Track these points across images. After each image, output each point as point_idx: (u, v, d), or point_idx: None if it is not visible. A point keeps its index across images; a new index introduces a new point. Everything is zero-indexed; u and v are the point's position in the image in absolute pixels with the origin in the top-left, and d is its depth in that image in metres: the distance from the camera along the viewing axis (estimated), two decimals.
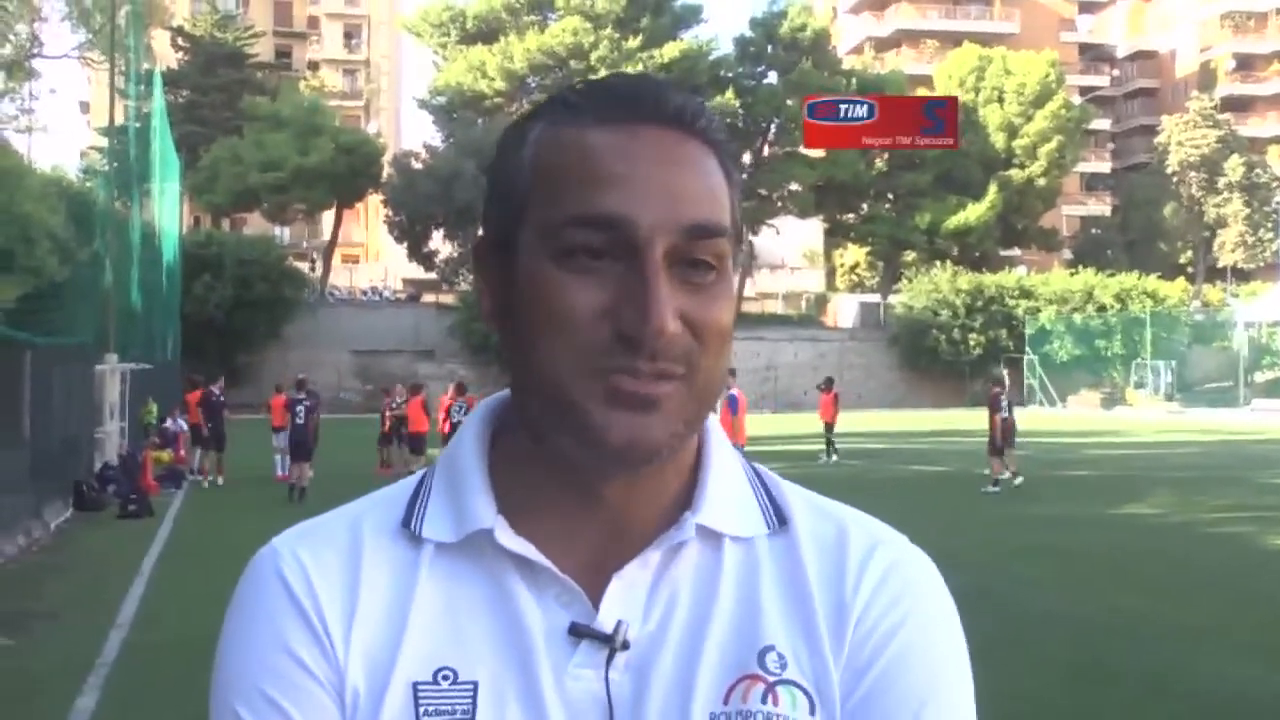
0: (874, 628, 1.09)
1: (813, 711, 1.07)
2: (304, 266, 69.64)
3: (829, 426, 28.84)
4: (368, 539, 1.11)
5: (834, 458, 28.26)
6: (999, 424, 22.99)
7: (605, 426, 1.02)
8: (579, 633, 1.06)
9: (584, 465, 1.06)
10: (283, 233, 78.04)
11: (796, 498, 1.18)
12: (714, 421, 1.18)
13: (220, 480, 23.48)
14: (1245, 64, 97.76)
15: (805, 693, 1.07)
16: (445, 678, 1.05)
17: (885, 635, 1.09)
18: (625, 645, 1.06)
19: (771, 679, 1.07)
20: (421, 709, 1.04)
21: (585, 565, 1.09)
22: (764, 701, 1.06)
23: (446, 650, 1.06)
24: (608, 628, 1.06)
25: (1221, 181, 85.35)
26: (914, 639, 1.09)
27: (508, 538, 1.08)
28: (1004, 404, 23.48)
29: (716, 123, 1.10)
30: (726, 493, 1.13)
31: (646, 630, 1.07)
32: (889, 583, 1.11)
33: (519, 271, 1.06)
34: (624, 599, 1.08)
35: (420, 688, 1.05)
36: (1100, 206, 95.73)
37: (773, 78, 68.23)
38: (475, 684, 1.05)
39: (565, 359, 1.03)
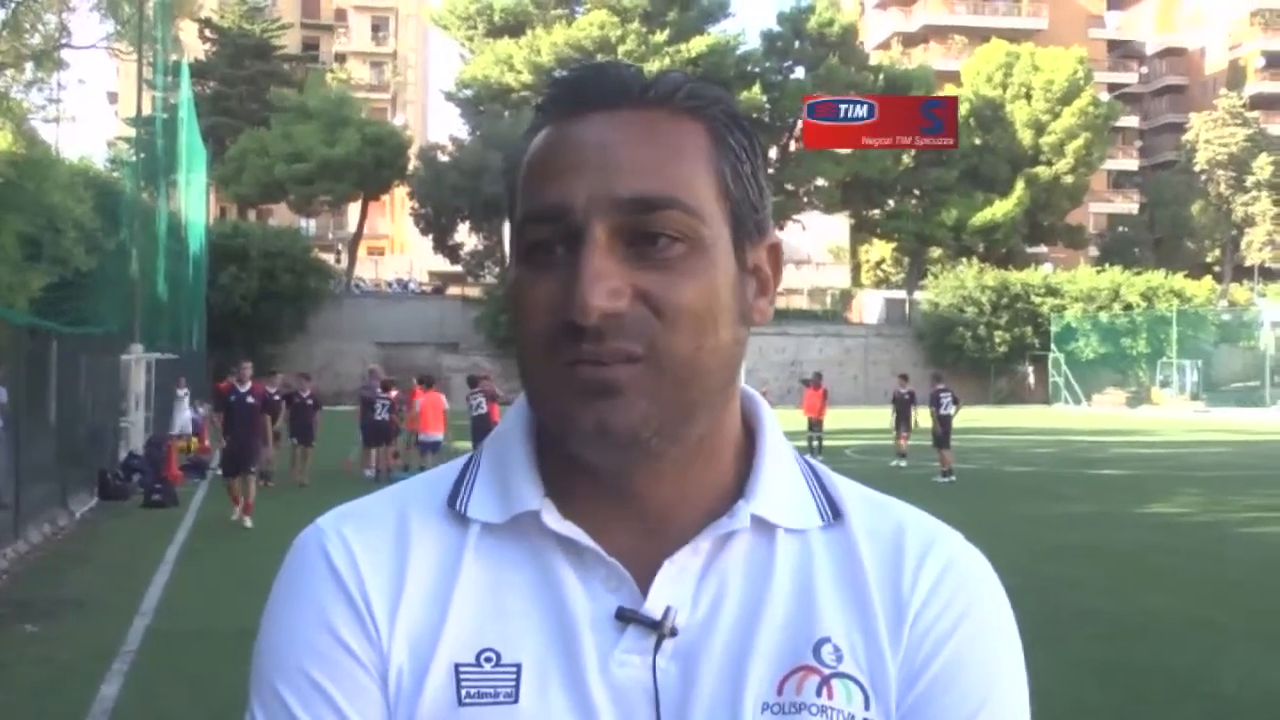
0: (931, 627, 1.07)
1: (868, 706, 1.05)
2: (330, 258, 69.74)
3: (816, 423, 28.38)
4: (414, 519, 1.10)
5: (819, 456, 28.01)
6: (938, 419, 24.12)
7: (574, 416, 1.01)
8: (626, 618, 1.04)
9: (582, 460, 1.05)
10: (309, 224, 78.15)
11: (851, 491, 1.16)
12: (768, 414, 1.16)
13: (247, 520, 16.33)
14: (1275, 62, 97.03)
15: (861, 687, 1.05)
16: (488, 659, 1.03)
17: (942, 636, 1.07)
18: (674, 632, 1.03)
19: (827, 671, 1.05)
20: (463, 691, 1.03)
21: (631, 552, 1.06)
22: (818, 694, 1.04)
23: (490, 632, 1.04)
24: (656, 613, 1.04)
25: (1250, 180, 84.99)
26: (970, 640, 1.07)
27: (555, 520, 1.06)
28: (944, 401, 24.32)
29: (689, 90, 1.07)
30: (780, 483, 1.11)
31: (696, 618, 1.05)
32: (945, 581, 1.09)
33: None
34: (673, 585, 1.05)
35: (462, 669, 1.03)
36: (1127, 204, 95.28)
37: (800, 73, 68.05)
38: (519, 666, 1.03)
39: (533, 356, 1.03)
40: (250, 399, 17.32)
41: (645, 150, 1.03)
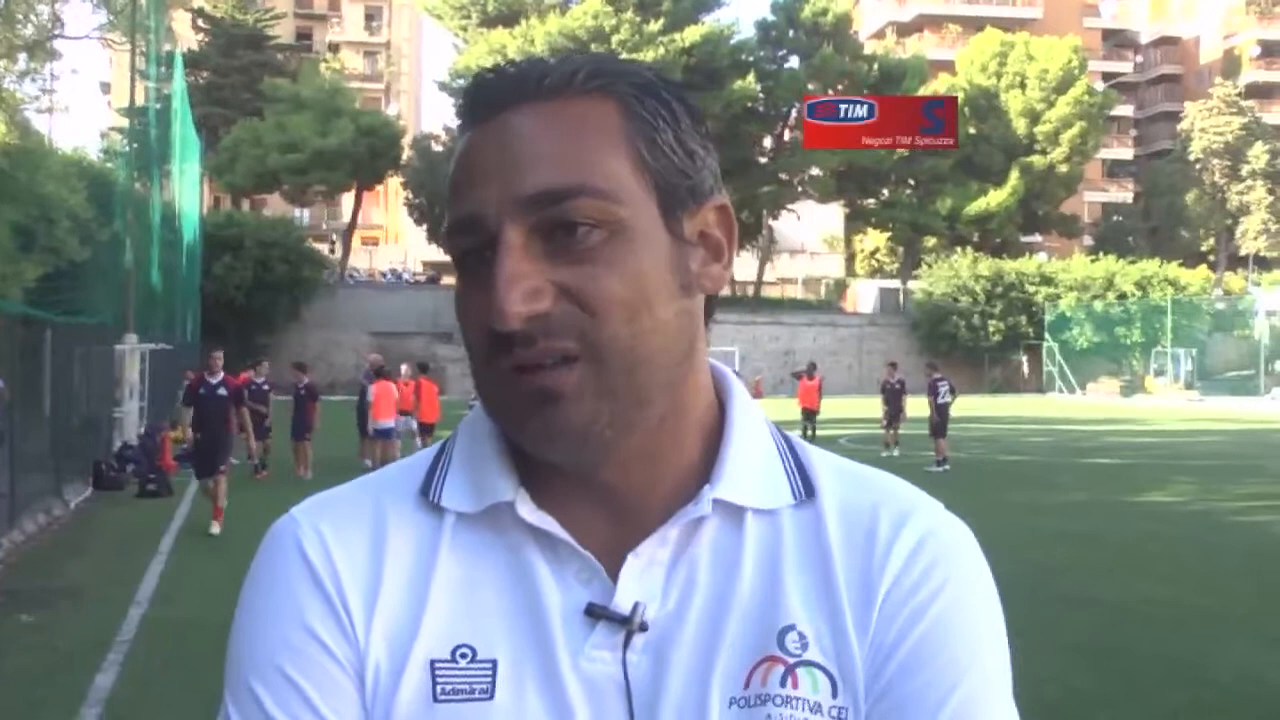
0: (903, 603, 1.04)
1: (835, 693, 1.02)
2: (323, 248, 69.73)
3: (810, 413, 28.31)
4: (390, 511, 1.08)
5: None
6: (935, 408, 23.96)
7: (520, 422, 1.01)
8: (595, 613, 1.03)
9: (541, 460, 1.04)
10: (302, 214, 78.14)
11: (827, 466, 1.13)
12: (738, 389, 1.14)
13: (215, 527, 14.82)
14: (1269, 51, 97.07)
15: (827, 674, 1.03)
16: (464, 655, 1.02)
17: (915, 611, 1.03)
18: (643, 627, 1.02)
19: (791, 660, 1.02)
20: (439, 687, 1.01)
21: (604, 542, 1.05)
22: (783, 684, 1.02)
23: (465, 626, 1.03)
24: (625, 608, 1.02)
25: (1244, 169, 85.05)
26: (946, 615, 1.03)
27: (529, 511, 1.05)
28: (941, 390, 24.26)
29: (589, 71, 1.04)
30: (749, 463, 1.09)
31: (665, 611, 1.04)
32: (921, 554, 1.06)
33: None
34: (641, 578, 1.04)
35: (438, 665, 1.02)
36: (1122, 193, 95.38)
37: (794, 62, 67.99)
38: (494, 662, 1.02)
39: (477, 365, 1.03)
40: (221, 391, 15.71)
41: (545, 142, 1.00)
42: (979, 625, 1.05)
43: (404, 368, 24.27)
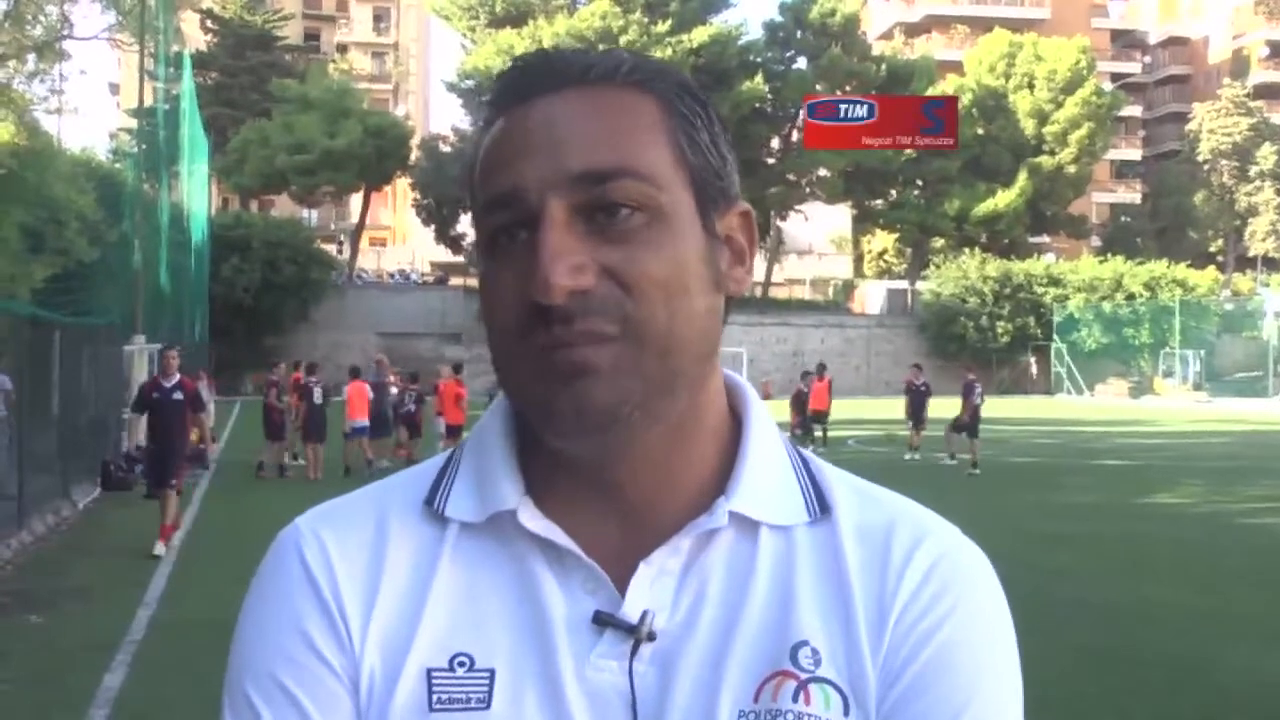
0: (914, 625, 1.03)
1: (847, 712, 1.01)
2: (332, 249, 69.73)
3: (821, 414, 28.04)
4: (393, 519, 1.08)
5: (823, 448, 26.56)
6: (970, 409, 24.14)
7: (551, 401, 0.99)
8: (603, 621, 1.01)
9: (557, 445, 1.03)
10: (311, 215, 78.11)
11: (842, 485, 1.12)
12: (755, 401, 1.14)
13: (159, 546, 13.49)
14: (1278, 51, 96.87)
15: (840, 691, 1.02)
16: (461, 664, 1.01)
17: (925, 634, 1.03)
18: (651, 636, 1.01)
19: (804, 676, 1.01)
20: (435, 696, 1.01)
21: (612, 551, 1.04)
22: (795, 700, 1.00)
23: (464, 635, 1.02)
24: (633, 617, 1.01)
25: (1253, 170, 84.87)
26: (956, 638, 1.03)
27: (531, 519, 1.04)
28: (977, 390, 24.43)
29: (633, 65, 1.05)
30: (765, 478, 1.08)
31: (675, 621, 1.03)
32: (933, 578, 1.05)
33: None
34: (651, 587, 1.03)
35: (435, 674, 1.01)
36: (1130, 194, 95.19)
37: (802, 63, 67.89)
38: (492, 671, 1.01)
39: (504, 345, 1.02)
40: (177, 394, 14.28)
41: (592, 124, 1.01)
42: (989, 650, 1.04)
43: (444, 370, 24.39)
